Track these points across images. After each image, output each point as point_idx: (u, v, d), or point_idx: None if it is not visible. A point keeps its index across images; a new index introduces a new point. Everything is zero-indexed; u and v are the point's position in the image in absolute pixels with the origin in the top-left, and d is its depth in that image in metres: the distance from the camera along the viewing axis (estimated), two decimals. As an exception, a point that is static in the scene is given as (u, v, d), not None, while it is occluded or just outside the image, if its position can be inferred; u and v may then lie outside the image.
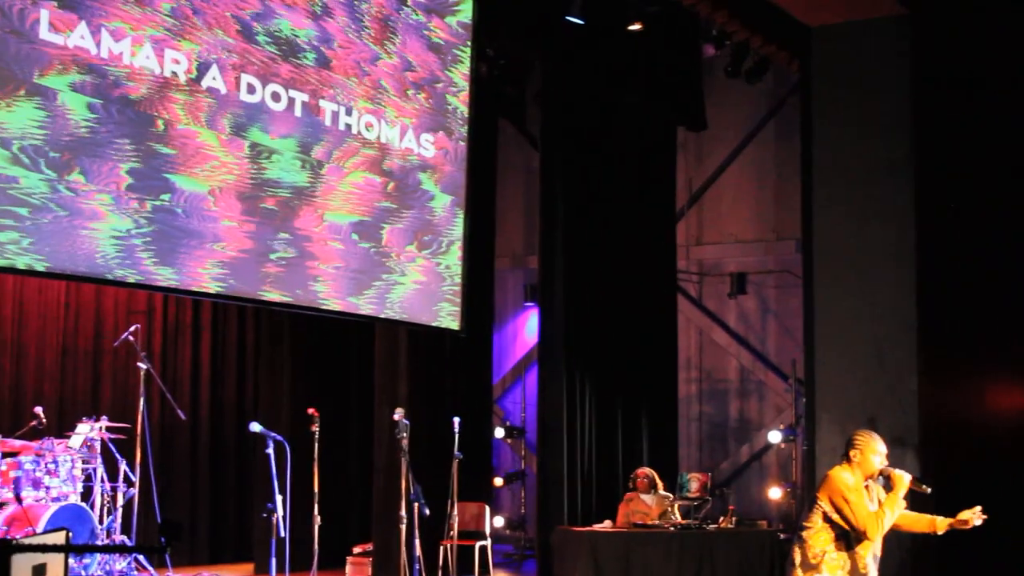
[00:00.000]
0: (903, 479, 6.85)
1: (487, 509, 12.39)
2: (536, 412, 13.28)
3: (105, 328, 11.52)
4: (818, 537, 6.81)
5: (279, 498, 7.34)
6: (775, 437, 13.83)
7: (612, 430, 13.44)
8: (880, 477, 6.94)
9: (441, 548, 11.43)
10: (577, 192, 13.19)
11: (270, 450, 7.47)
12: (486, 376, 13.80)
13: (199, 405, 12.21)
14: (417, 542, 8.82)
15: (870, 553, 6.86)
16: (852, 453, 6.90)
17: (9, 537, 7.90)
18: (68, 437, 9.73)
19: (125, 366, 10.65)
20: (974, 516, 6.84)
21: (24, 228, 7.51)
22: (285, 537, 7.35)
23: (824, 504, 6.80)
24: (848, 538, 6.83)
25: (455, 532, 10.96)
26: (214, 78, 8.49)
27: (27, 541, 4.94)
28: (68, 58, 7.67)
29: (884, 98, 11.50)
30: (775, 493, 13.68)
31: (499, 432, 14.57)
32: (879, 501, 6.88)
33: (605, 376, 13.39)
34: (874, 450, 6.87)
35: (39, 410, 9.62)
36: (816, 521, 6.83)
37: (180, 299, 11.98)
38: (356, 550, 11.95)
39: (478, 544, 12.07)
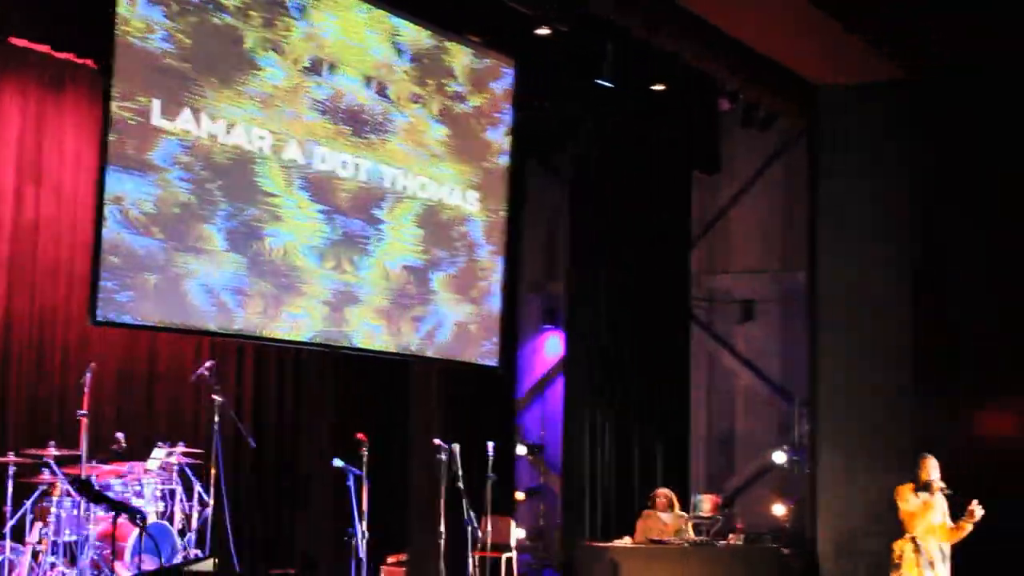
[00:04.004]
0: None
1: (512, 523, 13.21)
2: (562, 432, 14.27)
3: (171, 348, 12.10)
4: (898, 542, 9.09)
5: (358, 524, 8.38)
6: (780, 458, 14.64)
7: (629, 449, 14.33)
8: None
9: (470, 559, 12.31)
10: (600, 228, 14.24)
11: (351, 482, 8.51)
12: (510, 398, 14.83)
13: (264, 428, 12.80)
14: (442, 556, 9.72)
15: (936, 547, 9.01)
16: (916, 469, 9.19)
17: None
18: (146, 460, 10.27)
19: (196, 392, 11.26)
20: (976, 507, 8.88)
21: (133, 286, 8.58)
22: (363, 558, 8.39)
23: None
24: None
25: (488, 545, 11.78)
26: (293, 150, 9.59)
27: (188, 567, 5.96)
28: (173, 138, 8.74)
29: (885, 152, 12.52)
30: (779, 509, 14.57)
31: (521, 450, 15.44)
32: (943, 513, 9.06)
33: (623, 397, 14.31)
34: (923, 466, 9.16)
35: (120, 436, 10.09)
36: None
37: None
38: (390, 559, 12.68)
39: (504, 556, 12.88)
